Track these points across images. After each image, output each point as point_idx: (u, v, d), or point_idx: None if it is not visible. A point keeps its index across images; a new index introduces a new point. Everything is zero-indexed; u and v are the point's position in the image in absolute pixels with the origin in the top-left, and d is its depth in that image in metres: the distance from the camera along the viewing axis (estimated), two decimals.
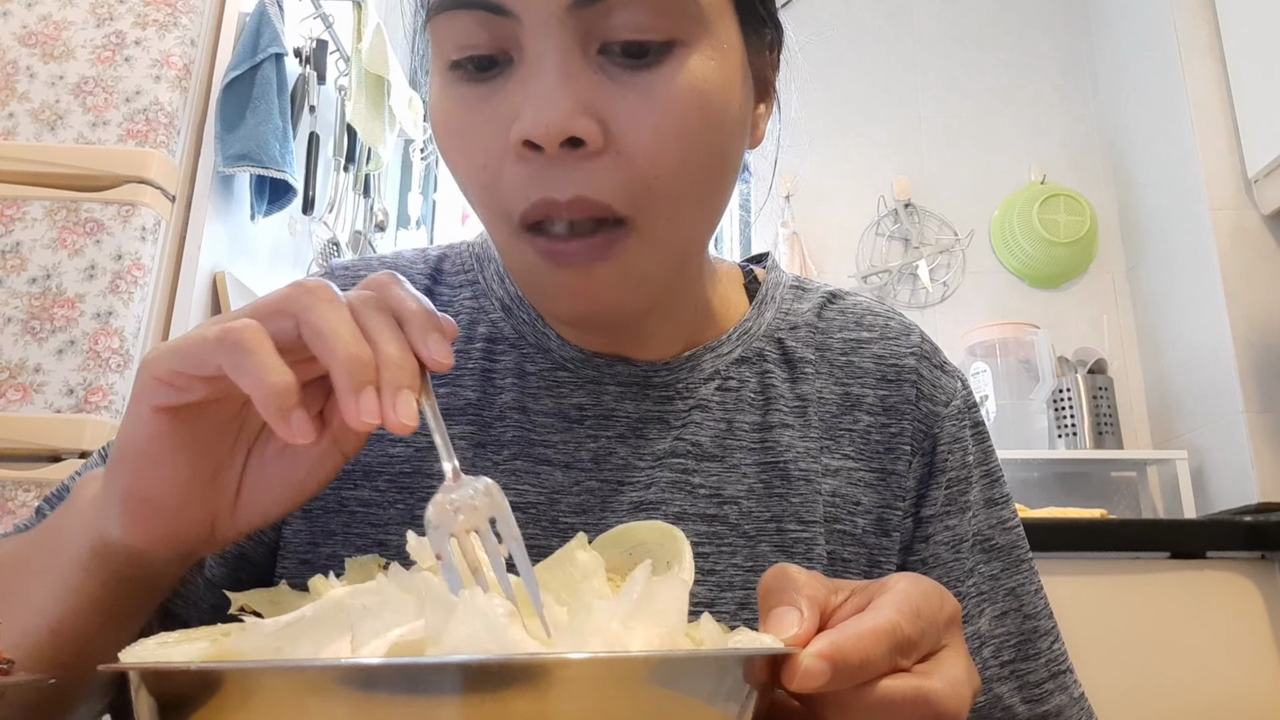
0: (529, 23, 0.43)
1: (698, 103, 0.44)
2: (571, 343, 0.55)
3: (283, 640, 0.29)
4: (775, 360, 0.57)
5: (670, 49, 0.44)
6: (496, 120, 0.44)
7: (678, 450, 0.54)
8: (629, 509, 0.52)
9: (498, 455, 0.52)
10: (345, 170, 2.02)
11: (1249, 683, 1.49)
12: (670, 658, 0.28)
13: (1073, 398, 2.15)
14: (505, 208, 0.45)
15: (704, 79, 0.44)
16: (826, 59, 2.59)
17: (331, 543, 0.52)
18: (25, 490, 1.29)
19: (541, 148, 0.43)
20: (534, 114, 0.42)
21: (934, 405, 0.58)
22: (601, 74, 0.44)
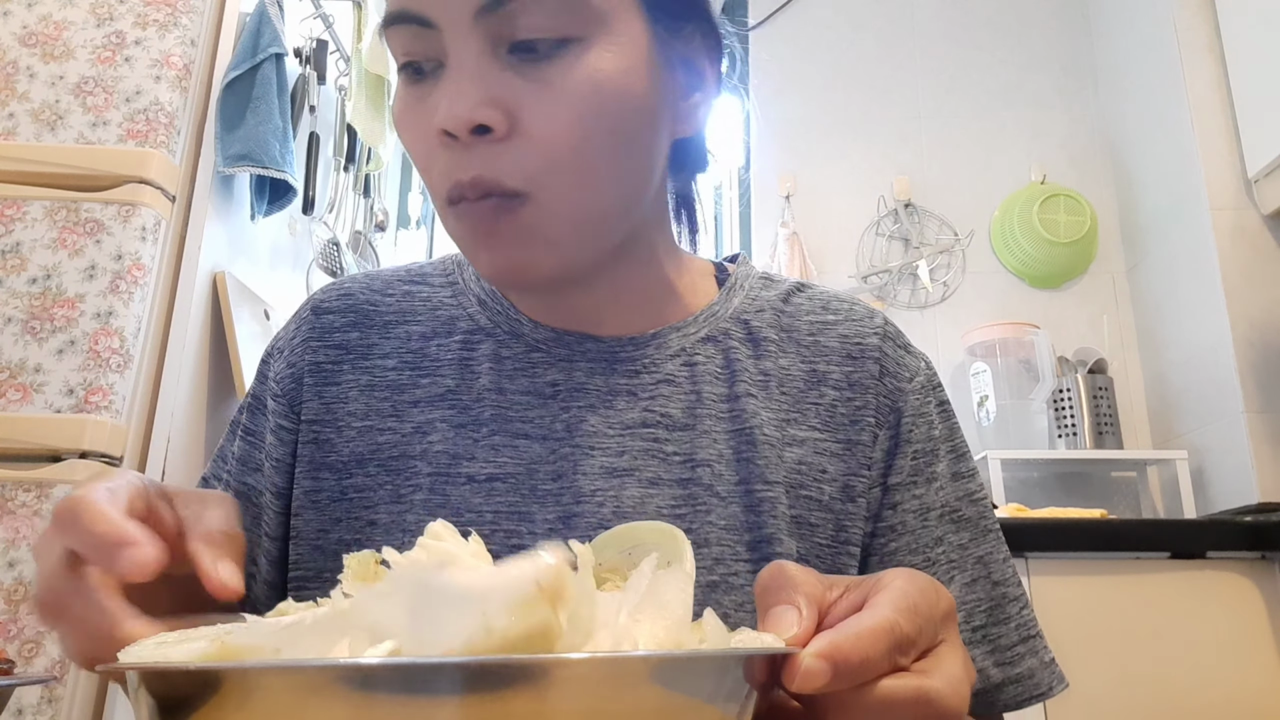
0: (447, 31, 0.50)
1: (592, 90, 0.50)
2: (543, 324, 0.60)
3: (283, 640, 0.29)
4: (740, 339, 0.61)
5: (566, 45, 0.50)
6: (427, 115, 0.51)
7: (648, 420, 0.57)
8: (601, 473, 0.56)
9: (476, 433, 0.57)
10: (345, 170, 2.02)
11: (1249, 683, 1.49)
12: (670, 658, 0.28)
13: (1073, 398, 2.15)
14: (437, 188, 0.53)
15: (599, 70, 0.50)
16: (827, 59, 2.59)
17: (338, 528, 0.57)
18: (25, 490, 1.29)
19: (456, 136, 0.50)
20: (447, 107, 0.49)
21: (898, 381, 0.61)
22: (510, 70, 0.50)
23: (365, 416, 0.59)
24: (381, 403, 0.59)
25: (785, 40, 2.61)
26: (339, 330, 0.62)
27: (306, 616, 0.30)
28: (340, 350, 0.62)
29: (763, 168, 2.53)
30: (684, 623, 0.31)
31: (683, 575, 0.33)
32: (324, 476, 0.58)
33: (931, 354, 2.36)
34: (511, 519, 0.55)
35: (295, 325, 0.64)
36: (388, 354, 0.61)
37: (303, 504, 0.58)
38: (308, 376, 0.61)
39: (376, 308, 0.63)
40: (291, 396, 0.61)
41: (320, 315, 0.63)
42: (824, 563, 0.56)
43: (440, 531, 0.38)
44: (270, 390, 0.62)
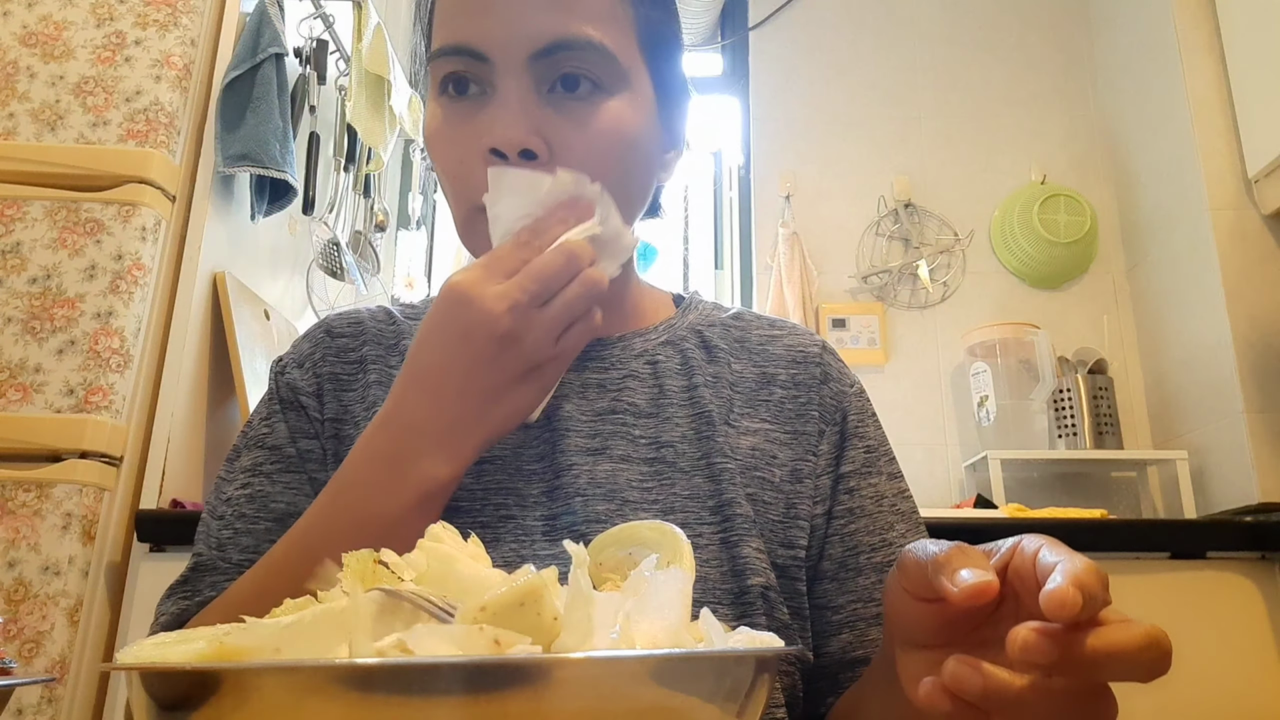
0: (500, 66, 0.60)
1: (617, 132, 0.61)
2: None
3: (282, 641, 0.29)
4: (695, 345, 0.71)
5: (599, 92, 0.61)
6: (473, 134, 0.60)
7: (617, 409, 0.66)
8: (577, 451, 0.63)
9: None
10: (345, 170, 2.02)
11: (1249, 683, 1.49)
12: (669, 657, 0.28)
13: (1073, 398, 2.15)
14: (471, 194, 0.60)
15: (621, 118, 0.61)
16: (827, 59, 2.59)
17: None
18: (25, 490, 1.29)
19: (506, 156, 0.58)
20: (501, 131, 0.58)
21: (841, 385, 0.72)
22: (550, 108, 0.60)
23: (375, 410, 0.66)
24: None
25: (785, 40, 2.61)
26: (353, 350, 0.71)
27: (306, 616, 0.30)
28: (355, 365, 0.70)
29: (763, 168, 2.52)
30: (683, 622, 0.31)
31: (682, 575, 0.33)
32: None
33: (931, 354, 2.36)
34: (500, 494, 0.62)
35: (310, 345, 0.72)
36: (393, 365, 0.70)
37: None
38: (327, 384, 0.69)
39: (382, 333, 0.72)
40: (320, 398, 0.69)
41: (335, 338, 0.72)
42: (776, 535, 0.64)
43: (440, 533, 0.38)
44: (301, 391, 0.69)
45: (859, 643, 0.64)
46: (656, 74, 0.65)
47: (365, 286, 2.07)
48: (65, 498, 1.29)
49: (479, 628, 0.28)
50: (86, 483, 1.31)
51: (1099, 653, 0.32)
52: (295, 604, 0.35)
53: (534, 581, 0.30)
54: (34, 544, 1.26)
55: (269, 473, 0.67)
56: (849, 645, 0.64)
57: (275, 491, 0.66)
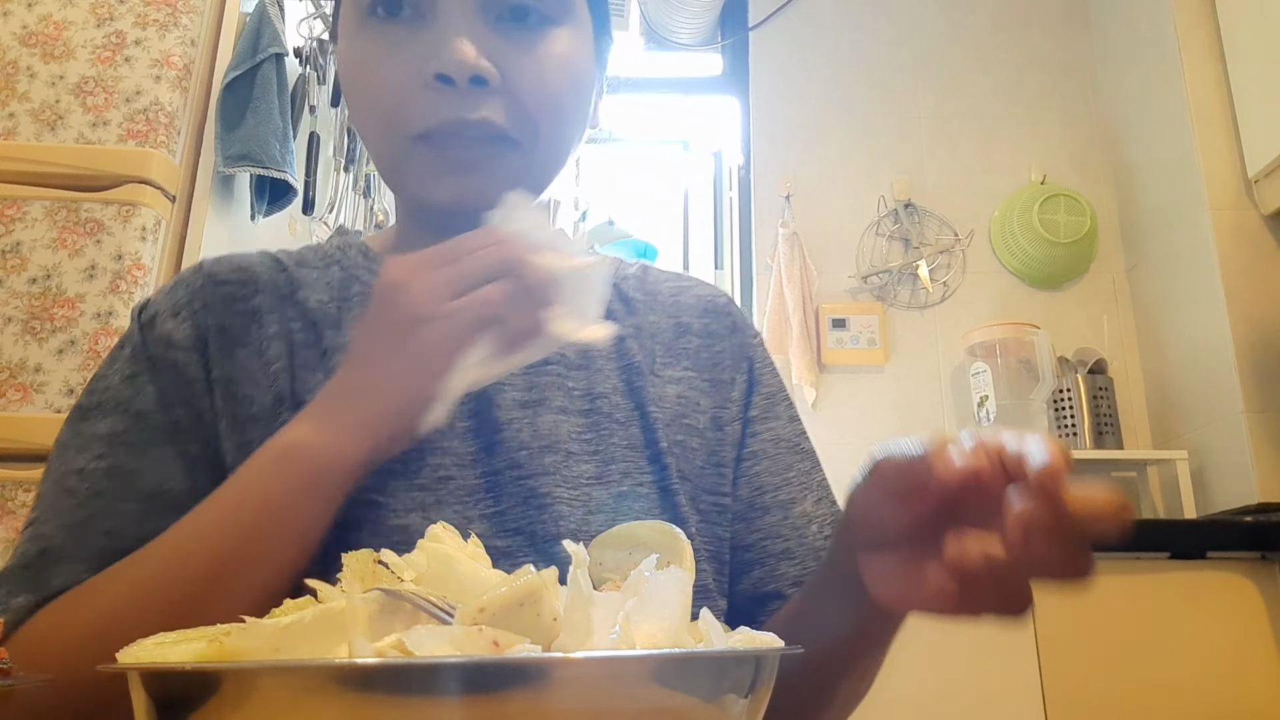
0: None
1: (565, 63, 0.60)
2: None
3: (282, 641, 0.29)
4: (614, 298, 0.71)
5: (547, 22, 0.60)
6: (410, 58, 0.57)
7: (550, 360, 0.64)
8: (515, 405, 0.62)
9: None
10: (345, 170, 2.02)
11: (1249, 683, 1.49)
12: (669, 657, 0.28)
13: (1073, 398, 2.15)
14: (408, 123, 0.58)
15: (569, 49, 0.61)
16: (827, 59, 2.59)
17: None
18: (25, 490, 1.29)
19: (454, 82, 0.56)
20: (450, 55, 0.55)
21: (746, 336, 0.73)
22: (499, 35, 0.58)
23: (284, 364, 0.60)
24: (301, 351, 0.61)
25: (785, 40, 2.61)
26: (241, 299, 0.63)
27: (306, 616, 0.30)
28: (246, 316, 0.62)
29: (763, 168, 2.52)
30: (683, 622, 0.31)
31: (682, 575, 0.33)
32: (250, 429, 0.58)
33: (931, 354, 2.36)
34: (435, 454, 0.58)
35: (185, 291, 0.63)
36: (293, 317, 0.63)
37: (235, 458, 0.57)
38: (213, 337, 0.61)
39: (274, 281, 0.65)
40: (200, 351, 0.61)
41: (219, 285, 0.63)
42: (701, 481, 0.65)
43: (440, 533, 0.38)
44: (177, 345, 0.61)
45: (769, 578, 0.65)
46: (595, 10, 0.65)
47: None
48: None
49: (478, 628, 0.28)
50: None
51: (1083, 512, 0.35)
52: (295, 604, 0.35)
53: (533, 582, 0.30)
54: None
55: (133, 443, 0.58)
56: (760, 581, 0.65)
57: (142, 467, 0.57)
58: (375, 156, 0.63)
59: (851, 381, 2.35)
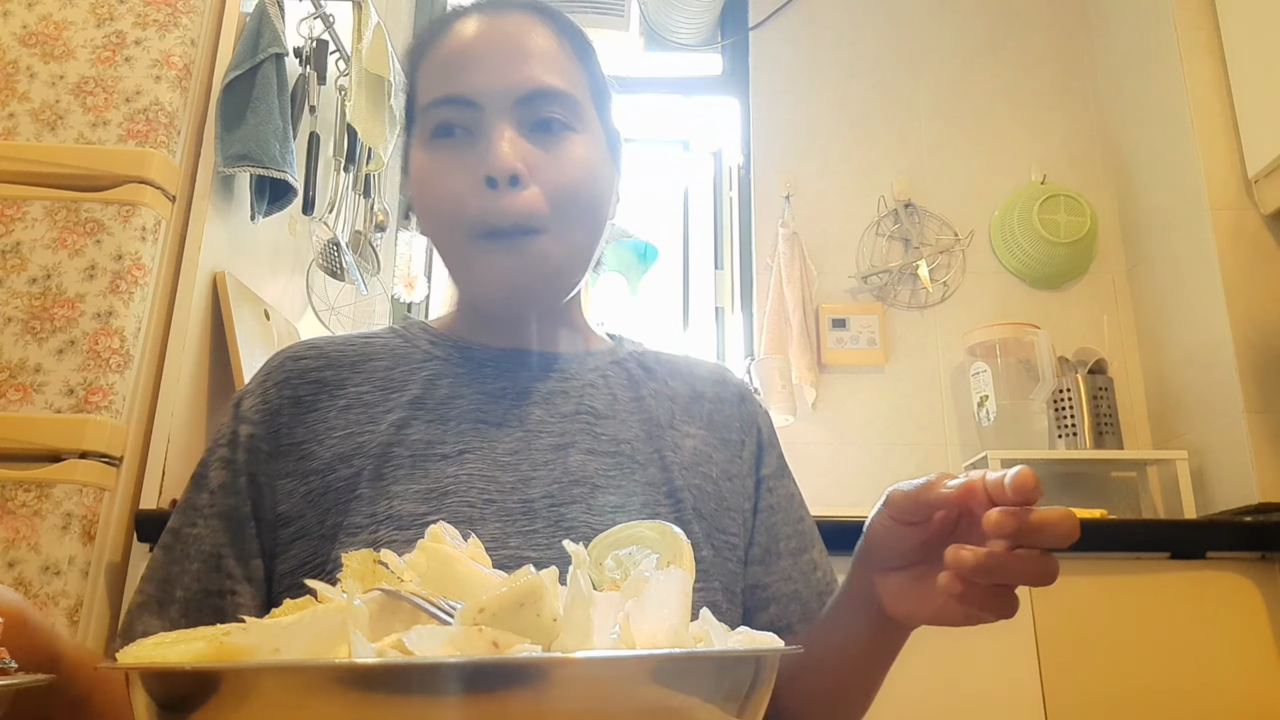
0: (489, 111, 0.72)
1: (583, 162, 0.74)
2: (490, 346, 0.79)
3: (282, 641, 0.29)
4: (635, 366, 0.83)
5: (567, 130, 0.74)
6: (464, 168, 0.71)
7: (580, 410, 0.76)
8: (549, 448, 0.73)
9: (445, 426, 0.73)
10: (345, 170, 2.01)
11: (1249, 683, 1.49)
12: (669, 657, 0.28)
13: (1073, 398, 2.15)
14: (467, 224, 0.71)
15: (587, 153, 0.74)
16: (827, 59, 2.59)
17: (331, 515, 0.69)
18: (25, 490, 1.29)
19: (498, 182, 0.69)
20: (494, 162, 0.69)
21: (753, 407, 0.86)
22: (529, 143, 0.72)
23: (345, 428, 0.73)
24: (359, 416, 0.73)
25: (785, 40, 2.61)
26: (314, 371, 0.76)
27: (306, 616, 0.30)
28: (316, 385, 0.75)
29: (763, 168, 2.52)
30: (682, 623, 0.31)
31: (682, 575, 0.33)
32: (312, 480, 0.71)
33: (931, 354, 2.36)
34: (480, 480, 0.69)
35: (266, 372, 0.77)
36: (359, 384, 0.76)
37: (301, 508, 0.70)
38: (288, 408, 0.74)
39: (343, 354, 0.78)
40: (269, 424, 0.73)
41: (296, 361, 0.77)
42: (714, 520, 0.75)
43: (440, 534, 0.38)
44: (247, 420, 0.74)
45: (782, 614, 0.77)
46: (603, 121, 0.79)
47: (365, 286, 2.07)
48: (65, 498, 1.29)
49: (478, 629, 0.28)
50: (86, 483, 1.31)
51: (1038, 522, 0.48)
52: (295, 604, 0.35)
53: (533, 582, 0.30)
54: (34, 544, 1.26)
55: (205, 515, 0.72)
56: (776, 617, 0.77)
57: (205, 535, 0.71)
58: (443, 256, 0.76)
59: (851, 381, 2.35)
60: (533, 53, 0.74)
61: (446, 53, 0.75)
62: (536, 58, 0.74)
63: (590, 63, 0.80)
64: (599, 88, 0.80)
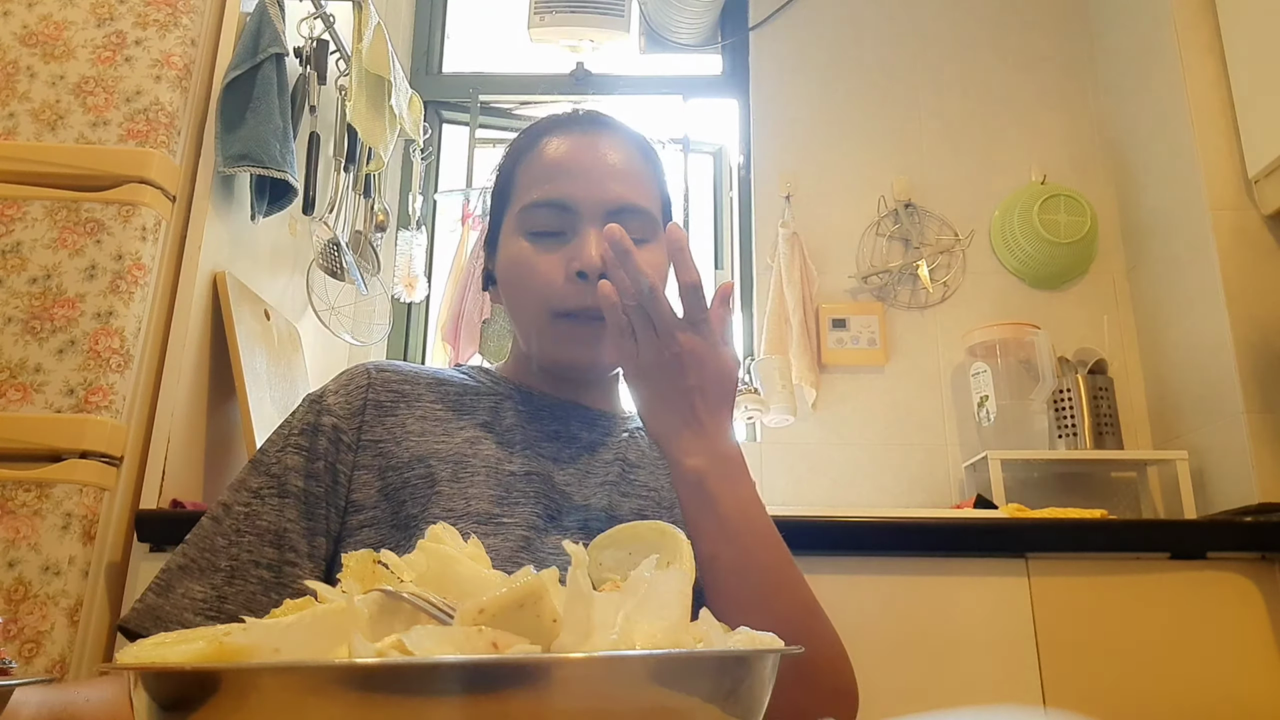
0: (585, 216, 0.85)
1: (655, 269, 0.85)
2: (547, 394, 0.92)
3: (282, 641, 0.29)
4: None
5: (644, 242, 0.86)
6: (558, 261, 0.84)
7: (618, 459, 0.89)
8: (596, 485, 0.86)
9: (512, 449, 0.85)
10: (345, 170, 2.01)
11: (1249, 683, 1.49)
12: (669, 657, 0.28)
13: (1073, 398, 2.15)
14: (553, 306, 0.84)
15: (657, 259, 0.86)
16: (827, 59, 2.59)
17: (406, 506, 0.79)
18: (25, 490, 1.29)
19: (588, 277, 0.81)
20: (587, 258, 0.82)
21: None
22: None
23: (420, 435, 0.83)
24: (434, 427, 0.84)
25: (785, 40, 2.61)
26: (394, 384, 0.87)
27: (306, 616, 0.30)
28: (396, 395, 0.86)
29: (763, 168, 2.52)
30: (682, 623, 0.31)
31: (681, 575, 0.33)
32: (390, 476, 0.80)
33: (931, 354, 2.36)
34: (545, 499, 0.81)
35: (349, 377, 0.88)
36: (433, 401, 0.87)
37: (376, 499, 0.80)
38: (370, 410, 0.84)
39: (419, 375, 0.90)
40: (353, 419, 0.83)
41: (380, 372, 0.88)
42: None
43: (440, 534, 0.38)
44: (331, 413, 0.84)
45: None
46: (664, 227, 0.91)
47: (365, 286, 2.07)
48: (65, 498, 1.29)
49: (477, 629, 0.28)
50: (86, 483, 1.31)
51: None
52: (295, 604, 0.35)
53: (533, 583, 0.30)
54: (34, 544, 1.26)
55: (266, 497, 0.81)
56: None
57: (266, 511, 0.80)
58: (522, 327, 0.88)
59: (851, 382, 2.35)
60: (624, 172, 0.87)
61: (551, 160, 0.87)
62: (626, 176, 0.87)
63: (661, 182, 0.93)
64: (665, 202, 0.94)
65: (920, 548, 1.52)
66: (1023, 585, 1.53)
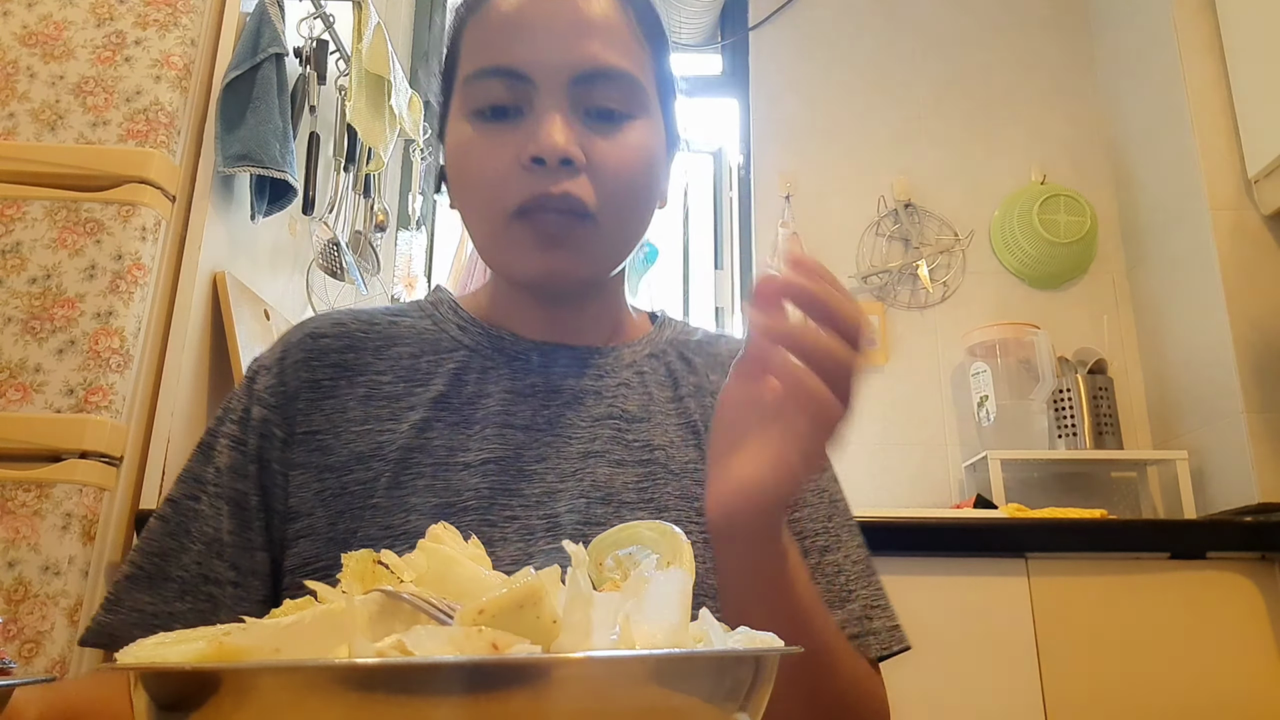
0: (543, 88, 0.66)
1: (640, 152, 0.68)
2: (523, 338, 0.74)
3: (281, 641, 0.29)
4: (675, 358, 0.78)
5: (627, 118, 0.68)
6: (510, 146, 0.65)
7: (612, 414, 0.71)
8: (578, 456, 0.69)
9: (469, 430, 0.69)
10: (345, 170, 2.01)
11: (1249, 683, 1.49)
12: (669, 657, 0.28)
13: (1073, 398, 2.15)
14: (506, 201, 0.65)
15: (646, 140, 0.69)
16: (827, 59, 2.59)
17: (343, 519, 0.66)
18: (25, 490, 1.29)
19: (546, 162, 0.64)
20: (544, 140, 0.64)
21: None
22: (584, 127, 0.66)
23: (364, 422, 0.69)
24: (379, 410, 0.69)
25: (785, 40, 2.61)
26: (335, 352, 0.72)
27: (306, 616, 0.30)
28: (337, 369, 0.71)
29: (763, 168, 2.52)
30: (682, 623, 0.31)
31: (682, 576, 0.33)
32: (327, 477, 0.67)
33: (932, 354, 2.36)
34: (504, 495, 0.66)
35: (285, 347, 0.72)
36: (381, 371, 0.72)
37: (312, 505, 0.67)
38: (305, 392, 0.70)
39: (368, 334, 0.74)
40: (285, 409, 0.69)
41: (316, 339, 0.72)
42: None
43: (440, 534, 0.38)
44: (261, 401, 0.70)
45: None
46: (664, 109, 0.73)
47: (365, 286, 2.07)
48: (65, 498, 1.29)
49: (477, 630, 0.28)
50: (86, 483, 1.31)
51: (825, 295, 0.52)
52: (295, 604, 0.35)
53: (533, 584, 0.30)
54: (34, 544, 1.26)
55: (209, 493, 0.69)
56: None
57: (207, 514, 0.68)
58: (474, 233, 0.70)
59: None
60: (595, 26, 0.66)
61: (498, 16, 0.67)
62: (599, 32, 0.66)
63: (660, 47, 0.72)
64: (665, 77, 0.73)
65: (920, 548, 1.52)
66: (1022, 585, 1.53)
